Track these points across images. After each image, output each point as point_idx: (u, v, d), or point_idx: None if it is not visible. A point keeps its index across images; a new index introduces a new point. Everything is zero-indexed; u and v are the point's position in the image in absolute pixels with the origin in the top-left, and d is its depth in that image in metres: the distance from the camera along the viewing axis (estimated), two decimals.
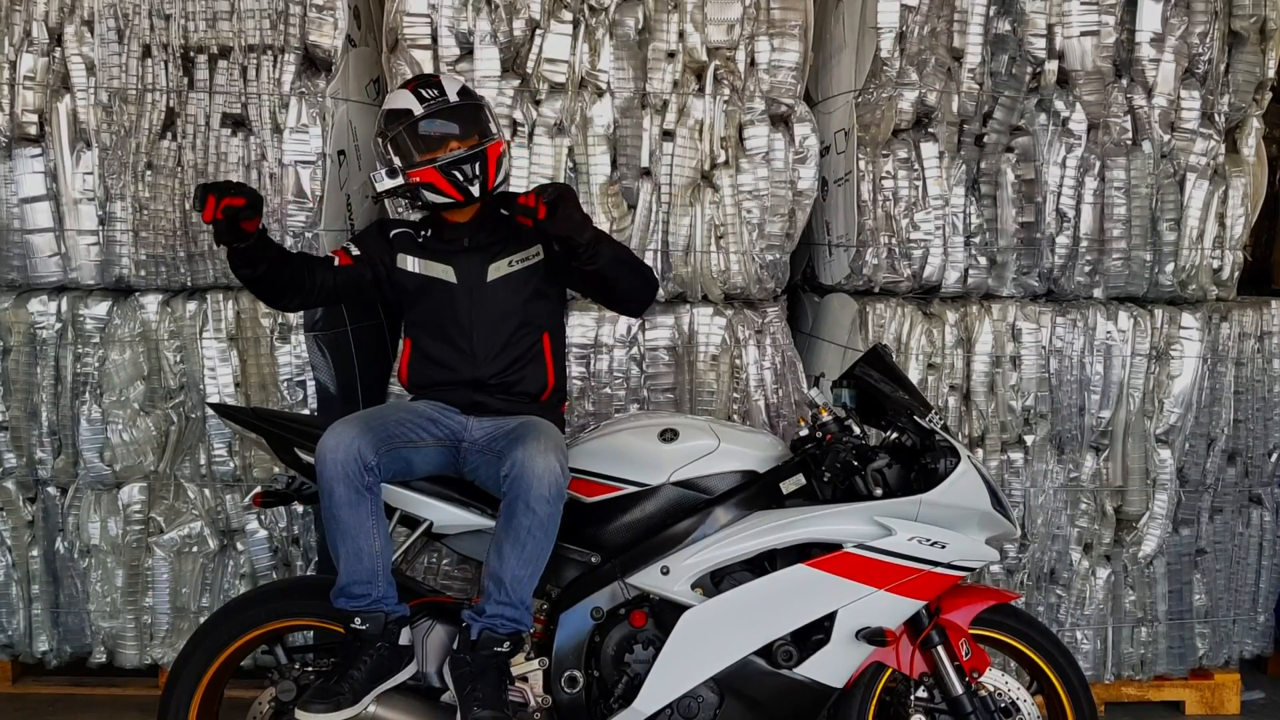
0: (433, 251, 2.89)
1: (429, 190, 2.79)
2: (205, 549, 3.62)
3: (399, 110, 2.83)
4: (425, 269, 2.88)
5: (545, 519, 2.54)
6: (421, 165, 2.77)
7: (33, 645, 3.69)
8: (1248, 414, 3.83)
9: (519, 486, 2.53)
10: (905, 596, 2.62)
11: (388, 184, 2.79)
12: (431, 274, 2.87)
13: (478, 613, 2.59)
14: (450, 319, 2.86)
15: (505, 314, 2.86)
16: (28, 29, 3.52)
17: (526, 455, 2.54)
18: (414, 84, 2.88)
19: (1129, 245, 3.63)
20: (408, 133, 2.80)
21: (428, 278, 2.87)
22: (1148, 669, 3.79)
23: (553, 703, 2.66)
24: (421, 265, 2.88)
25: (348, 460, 2.55)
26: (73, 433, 3.59)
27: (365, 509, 2.58)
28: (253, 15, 3.48)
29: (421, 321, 2.90)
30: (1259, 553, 3.92)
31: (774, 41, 3.56)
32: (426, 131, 2.80)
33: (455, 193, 2.79)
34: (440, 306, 2.86)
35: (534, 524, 2.54)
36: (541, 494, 2.52)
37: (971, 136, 3.63)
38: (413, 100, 2.82)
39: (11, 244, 3.58)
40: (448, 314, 2.86)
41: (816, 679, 2.63)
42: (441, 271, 2.87)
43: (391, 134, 2.81)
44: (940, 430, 2.70)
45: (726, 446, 2.75)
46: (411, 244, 2.91)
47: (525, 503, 2.52)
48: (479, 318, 2.85)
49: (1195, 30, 3.59)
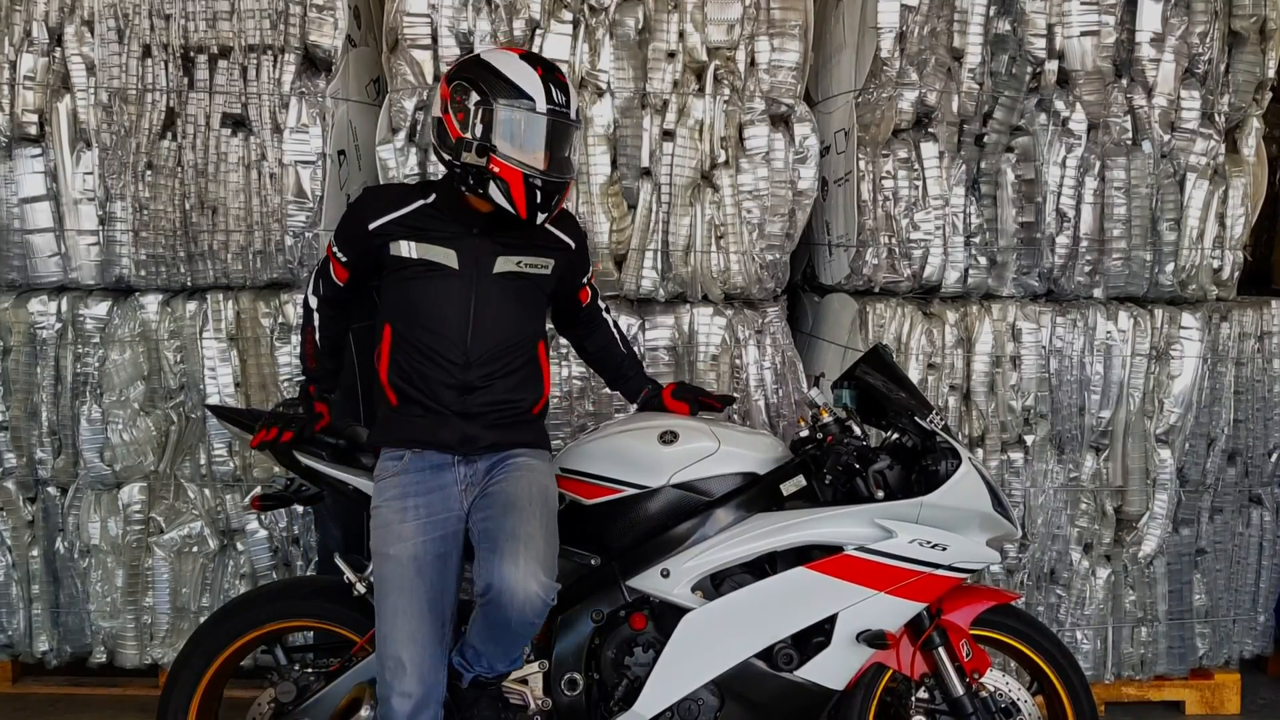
0: (432, 234, 2.57)
1: (495, 186, 2.48)
2: (205, 549, 3.62)
3: (521, 90, 2.48)
4: (422, 252, 2.57)
5: (528, 633, 2.48)
6: (512, 162, 2.47)
7: (33, 645, 3.69)
8: (1248, 414, 3.83)
9: (499, 611, 2.39)
10: (906, 599, 2.61)
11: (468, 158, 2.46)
12: (429, 258, 2.57)
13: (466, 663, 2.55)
14: (444, 306, 2.57)
15: (504, 313, 2.61)
16: (28, 29, 3.52)
17: (507, 578, 2.36)
18: (543, 70, 2.53)
19: (1129, 245, 3.62)
20: (522, 121, 2.48)
21: (425, 262, 2.57)
22: (1148, 669, 3.79)
23: (552, 705, 2.65)
24: (418, 249, 2.57)
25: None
26: (73, 433, 3.59)
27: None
28: (253, 15, 3.47)
29: (406, 306, 2.58)
30: (1259, 553, 3.92)
31: (774, 41, 3.56)
32: (535, 133, 2.50)
33: (522, 209, 2.50)
34: (436, 292, 2.56)
35: (516, 638, 2.48)
36: (525, 620, 2.40)
37: (971, 136, 3.63)
38: (540, 90, 2.49)
39: (11, 244, 3.58)
40: (441, 300, 2.57)
41: (817, 681, 2.63)
42: (441, 255, 2.57)
43: (499, 107, 2.46)
44: (941, 431, 2.69)
45: (726, 448, 2.74)
46: (403, 228, 2.57)
47: (506, 625, 2.41)
48: (477, 309, 2.58)
49: (1195, 30, 3.59)
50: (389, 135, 3.54)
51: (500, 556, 2.38)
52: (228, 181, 3.51)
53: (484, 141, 2.46)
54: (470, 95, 2.48)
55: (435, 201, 2.60)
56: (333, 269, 2.67)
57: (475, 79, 2.49)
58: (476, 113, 2.47)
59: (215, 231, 3.54)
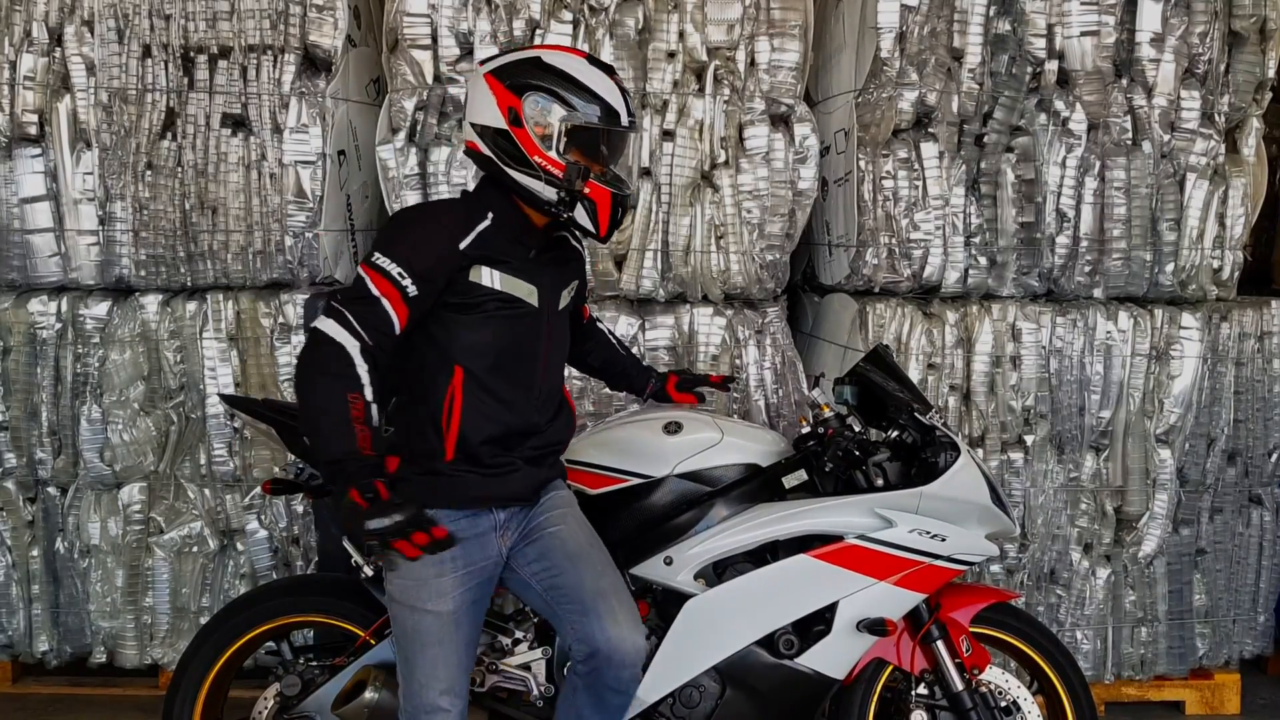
0: (509, 263, 2.29)
1: (582, 207, 2.29)
2: (205, 549, 3.62)
3: (608, 104, 2.29)
4: (505, 285, 2.27)
5: (634, 689, 2.39)
6: (602, 181, 2.30)
7: (33, 645, 3.69)
8: (1248, 414, 3.83)
9: (609, 671, 2.29)
10: (906, 589, 2.63)
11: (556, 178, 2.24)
12: (512, 292, 2.28)
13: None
14: (523, 345, 2.33)
15: (562, 348, 2.47)
16: (28, 29, 3.52)
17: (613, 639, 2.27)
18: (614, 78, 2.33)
19: (1129, 245, 3.62)
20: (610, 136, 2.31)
21: (508, 296, 2.27)
22: (1148, 669, 3.79)
23: (555, 691, 2.66)
24: (501, 280, 2.26)
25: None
26: (73, 433, 3.59)
27: None
28: (253, 15, 3.48)
29: (485, 347, 2.27)
30: (1259, 553, 3.92)
31: (774, 41, 3.56)
32: (620, 149, 2.35)
33: (604, 229, 2.33)
34: (516, 332, 2.30)
35: (625, 697, 2.37)
36: (634, 677, 2.33)
37: (971, 136, 3.63)
38: (621, 102, 2.31)
39: (11, 244, 3.58)
40: (521, 340, 2.32)
41: (818, 669, 2.64)
42: (524, 291, 2.30)
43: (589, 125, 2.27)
44: (941, 426, 2.71)
45: (730, 440, 2.77)
46: (482, 251, 2.25)
47: (616, 686, 2.32)
48: (551, 349, 2.40)
49: (1195, 30, 3.59)
50: (389, 135, 3.54)
51: (598, 617, 2.29)
52: (228, 181, 3.51)
53: (576, 161, 2.26)
54: (553, 109, 2.25)
55: (495, 221, 2.29)
56: (391, 308, 2.15)
57: (556, 91, 2.26)
58: (562, 129, 2.25)
59: (215, 231, 3.54)
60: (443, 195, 3.50)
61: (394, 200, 3.54)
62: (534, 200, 2.29)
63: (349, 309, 2.14)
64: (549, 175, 2.25)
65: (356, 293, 2.16)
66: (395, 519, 2.03)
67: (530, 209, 2.32)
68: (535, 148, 2.26)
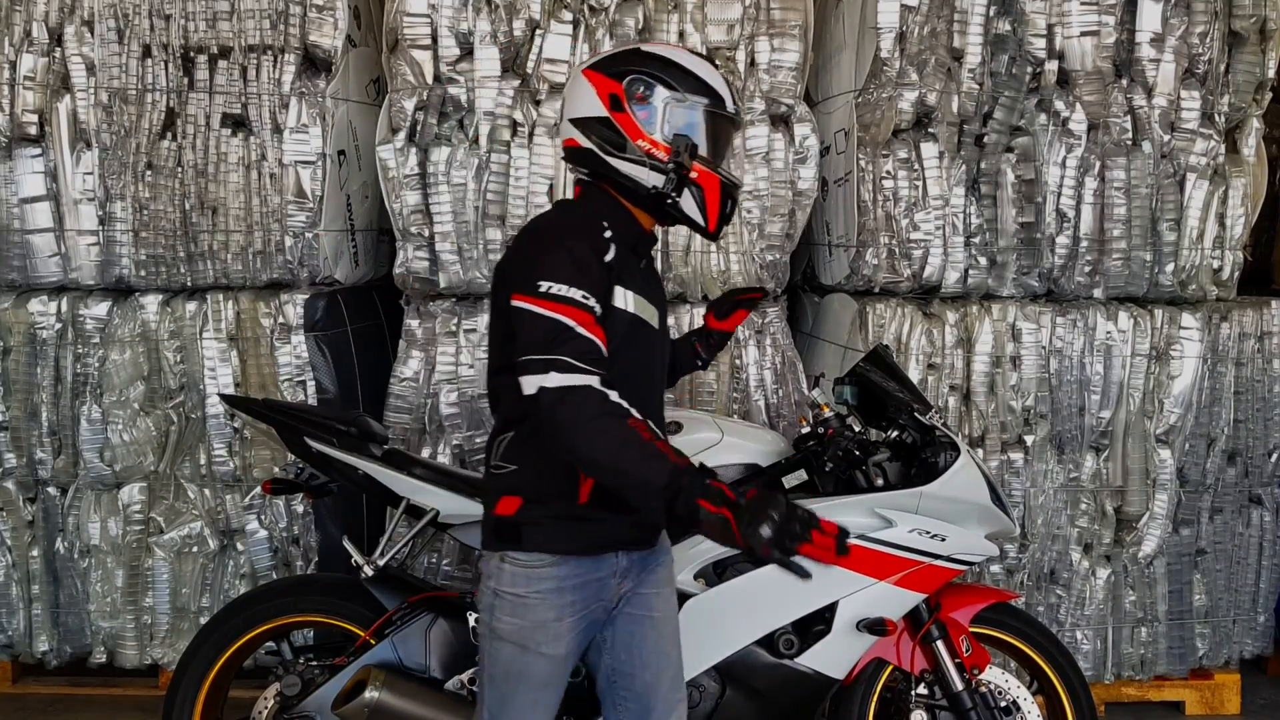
0: (633, 280, 2.09)
1: (690, 195, 2.13)
2: (205, 549, 3.62)
3: (710, 87, 2.16)
4: (638, 308, 2.08)
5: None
6: (709, 165, 2.14)
7: (33, 645, 3.69)
8: (1248, 414, 3.83)
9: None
10: (906, 588, 2.63)
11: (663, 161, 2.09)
12: (640, 314, 2.09)
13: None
14: (650, 370, 2.17)
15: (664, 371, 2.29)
16: (28, 29, 3.52)
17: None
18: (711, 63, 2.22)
19: (1129, 245, 3.62)
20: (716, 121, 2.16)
21: (637, 319, 2.08)
22: (1148, 669, 3.79)
23: None
24: (634, 303, 2.07)
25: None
26: (73, 433, 3.59)
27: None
28: (253, 15, 3.48)
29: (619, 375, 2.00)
30: (1259, 553, 3.92)
31: (774, 41, 3.56)
32: (724, 136, 2.20)
33: (713, 220, 2.17)
34: (644, 356, 2.13)
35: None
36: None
37: (971, 136, 3.63)
38: (724, 88, 2.18)
39: (11, 244, 3.58)
40: (649, 364, 2.16)
41: (818, 669, 2.65)
42: (650, 314, 2.12)
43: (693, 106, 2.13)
44: (940, 426, 2.71)
45: (730, 440, 2.77)
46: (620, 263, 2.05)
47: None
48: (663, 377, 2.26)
49: (1195, 30, 3.59)
50: (389, 135, 3.54)
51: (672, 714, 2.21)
52: (228, 181, 3.51)
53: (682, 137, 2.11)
54: (656, 91, 2.12)
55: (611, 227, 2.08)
56: (589, 332, 1.94)
57: (657, 73, 2.13)
58: (665, 111, 2.11)
59: (215, 231, 3.54)
60: (444, 195, 3.50)
61: (394, 200, 3.54)
62: (638, 193, 2.13)
63: (555, 354, 1.89)
64: (653, 159, 2.10)
65: (547, 335, 1.90)
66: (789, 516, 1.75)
67: (636, 208, 2.16)
68: (638, 131, 2.11)
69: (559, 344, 1.89)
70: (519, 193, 3.49)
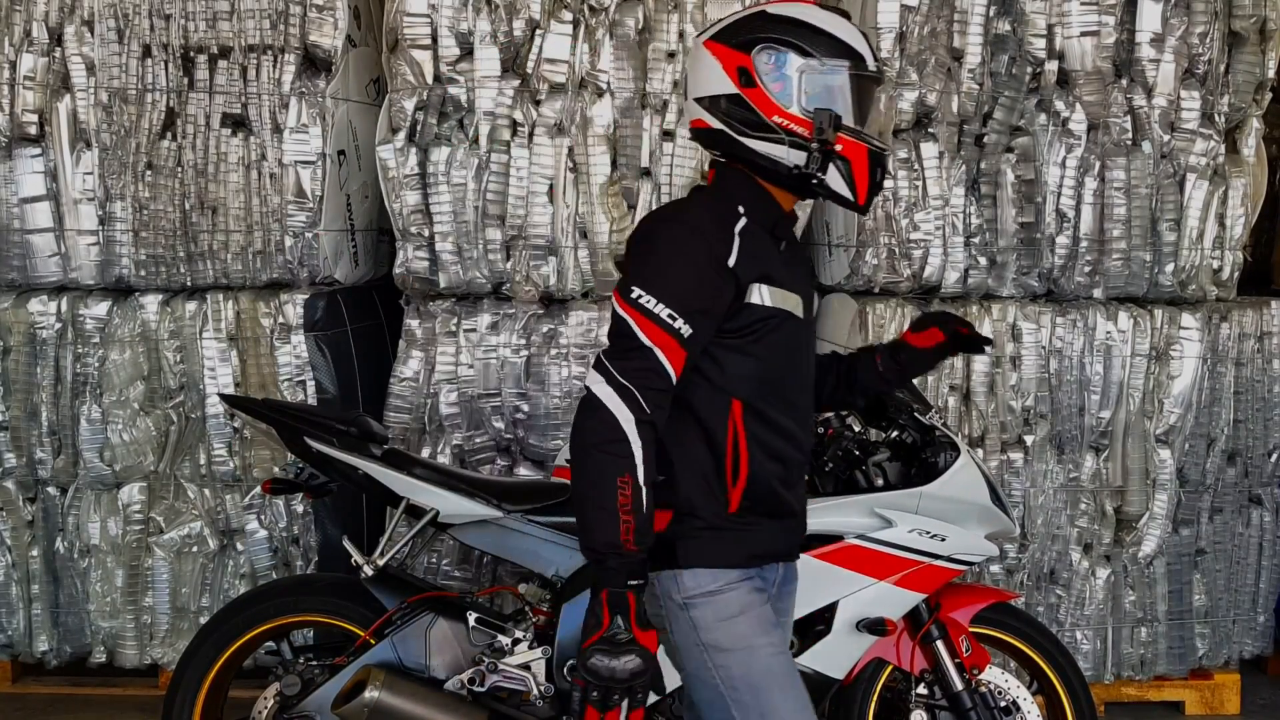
0: (774, 271, 1.95)
1: (836, 169, 1.96)
2: (205, 549, 3.62)
3: (848, 45, 1.98)
4: (777, 300, 1.94)
5: None
6: (853, 134, 1.96)
7: (33, 645, 3.69)
8: (1248, 414, 3.83)
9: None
10: (906, 589, 2.63)
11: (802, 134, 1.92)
12: (783, 306, 1.95)
13: None
14: (799, 368, 2.03)
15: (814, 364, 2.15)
16: (28, 29, 3.52)
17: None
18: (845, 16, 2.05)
19: (1129, 245, 3.62)
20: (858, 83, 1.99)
21: (779, 312, 1.95)
22: (1148, 669, 3.79)
23: (554, 691, 2.66)
24: (771, 294, 1.93)
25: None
26: (73, 433, 3.59)
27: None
28: (253, 15, 3.48)
29: (763, 375, 1.94)
30: (1259, 553, 3.92)
31: None
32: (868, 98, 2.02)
33: (863, 193, 1.99)
34: (792, 352, 1.99)
35: None
36: None
37: (971, 136, 3.63)
38: (864, 44, 2.00)
39: (11, 244, 3.58)
40: (797, 361, 2.02)
41: (817, 669, 2.64)
42: (793, 304, 1.97)
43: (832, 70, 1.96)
44: (940, 426, 2.71)
45: None
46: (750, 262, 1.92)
47: None
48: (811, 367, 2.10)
49: (1195, 30, 3.59)
50: (389, 135, 3.54)
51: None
52: (228, 181, 3.52)
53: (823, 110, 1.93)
54: (789, 59, 1.94)
55: (747, 213, 1.96)
56: (665, 358, 1.83)
57: (788, 38, 1.95)
58: (802, 81, 1.94)
59: (215, 231, 3.54)
60: (444, 195, 3.50)
61: (394, 200, 3.54)
62: (778, 172, 1.97)
63: (617, 365, 1.83)
64: (792, 135, 1.94)
65: (624, 342, 1.84)
66: (623, 669, 1.77)
67: (775, 187, 2.00)
68: (773, 106, 1.95)
69: (622, 355, 1.84)
70: (519, 193, 3.49)
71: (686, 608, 1.95)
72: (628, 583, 1.80)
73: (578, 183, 3.51)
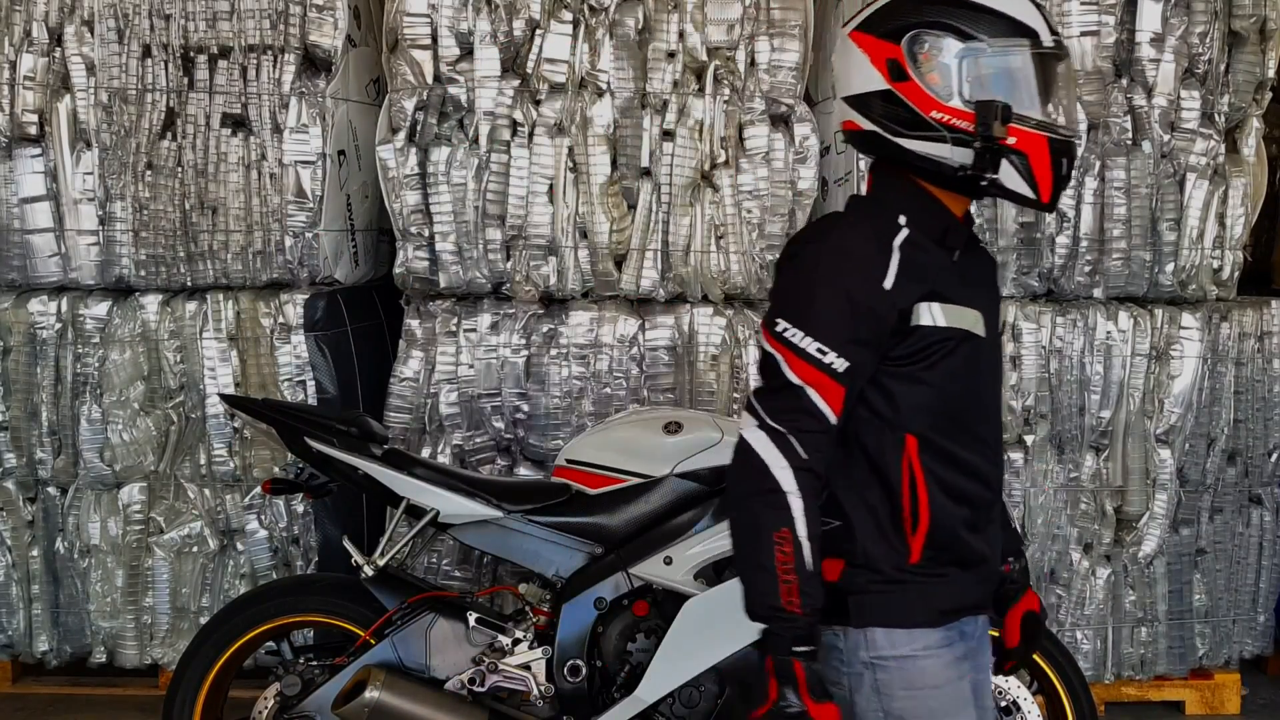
0: (947, 287, 1.72)
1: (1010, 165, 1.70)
2: (205, 549, 3.62)
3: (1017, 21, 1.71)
4: (951, 319, 1.70)
5: None
6: (1031, 125, 1.70)
7: (33, 645, 3.69)
8: (1248, 414, 3.83)
9: None
10: None
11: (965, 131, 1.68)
12: (960, 324, 1.72)
13: None
14: (982, 394, 1.79)
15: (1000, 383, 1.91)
16: (28, 29, 3.52)
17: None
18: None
19: (1129, 245, 3.62)
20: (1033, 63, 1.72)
21: (954, 332, 1.71)
22: (1148, 669, 3.79)
23: (555, 691, 2.66)
24: (944, 313, 1.70)
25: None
26: (73, 433, 3.59)
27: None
28: (253, 15, 3.48)
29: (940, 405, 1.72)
30: (1259, 553, 3.92)
31: (774, 41, 3.56)
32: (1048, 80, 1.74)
33: (1046, 190, 1.73)
34: (971, 376, 1.75)
35: None
36: None
37: None
38: (1038, 18, 1.73)
39: (11, 244, 3.58)
40: (979, 387, 1.78)
41: None
42: (970, 321, 1.73)
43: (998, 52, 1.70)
44: None
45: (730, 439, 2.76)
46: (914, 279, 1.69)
47: None
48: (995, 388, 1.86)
49: (1195, 30, 3.59)
50: (389, 135, 3.54)
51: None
52: (228, 181, 3.52)
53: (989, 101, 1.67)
54: (945, 44, 1.69)
55: (910, 223, 1.73)
56: (820, 397, 1.66)
57: (944, 19, 1.70)
58: (962, 68, 1.69)
59: (215, 231, 3.54)
60: (444, 195, 3.49)
61: (394, 200, 3.54)
62: (942, 174, 1.73)
63: (767, 405, 1.67)
64: (955, 131, 1.69)
65: (772, 381, 1.68)
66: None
67: (942, 191, 1.77)
68: (930, 100, 1.70)
69: (772, 395, 1.69)
70: (519, 192, 3.49)
71: (873, 668, 1.74)
72: (793, 649, 1.64)
73: (578, 183, 3.51)
